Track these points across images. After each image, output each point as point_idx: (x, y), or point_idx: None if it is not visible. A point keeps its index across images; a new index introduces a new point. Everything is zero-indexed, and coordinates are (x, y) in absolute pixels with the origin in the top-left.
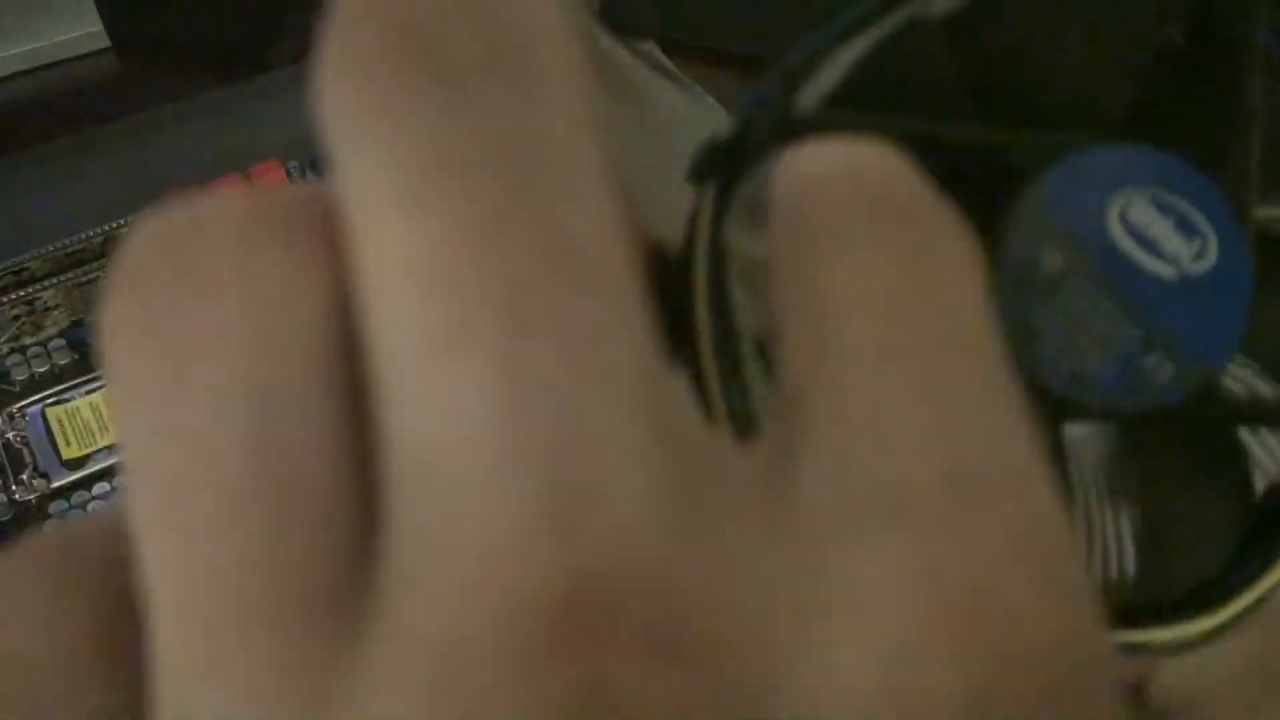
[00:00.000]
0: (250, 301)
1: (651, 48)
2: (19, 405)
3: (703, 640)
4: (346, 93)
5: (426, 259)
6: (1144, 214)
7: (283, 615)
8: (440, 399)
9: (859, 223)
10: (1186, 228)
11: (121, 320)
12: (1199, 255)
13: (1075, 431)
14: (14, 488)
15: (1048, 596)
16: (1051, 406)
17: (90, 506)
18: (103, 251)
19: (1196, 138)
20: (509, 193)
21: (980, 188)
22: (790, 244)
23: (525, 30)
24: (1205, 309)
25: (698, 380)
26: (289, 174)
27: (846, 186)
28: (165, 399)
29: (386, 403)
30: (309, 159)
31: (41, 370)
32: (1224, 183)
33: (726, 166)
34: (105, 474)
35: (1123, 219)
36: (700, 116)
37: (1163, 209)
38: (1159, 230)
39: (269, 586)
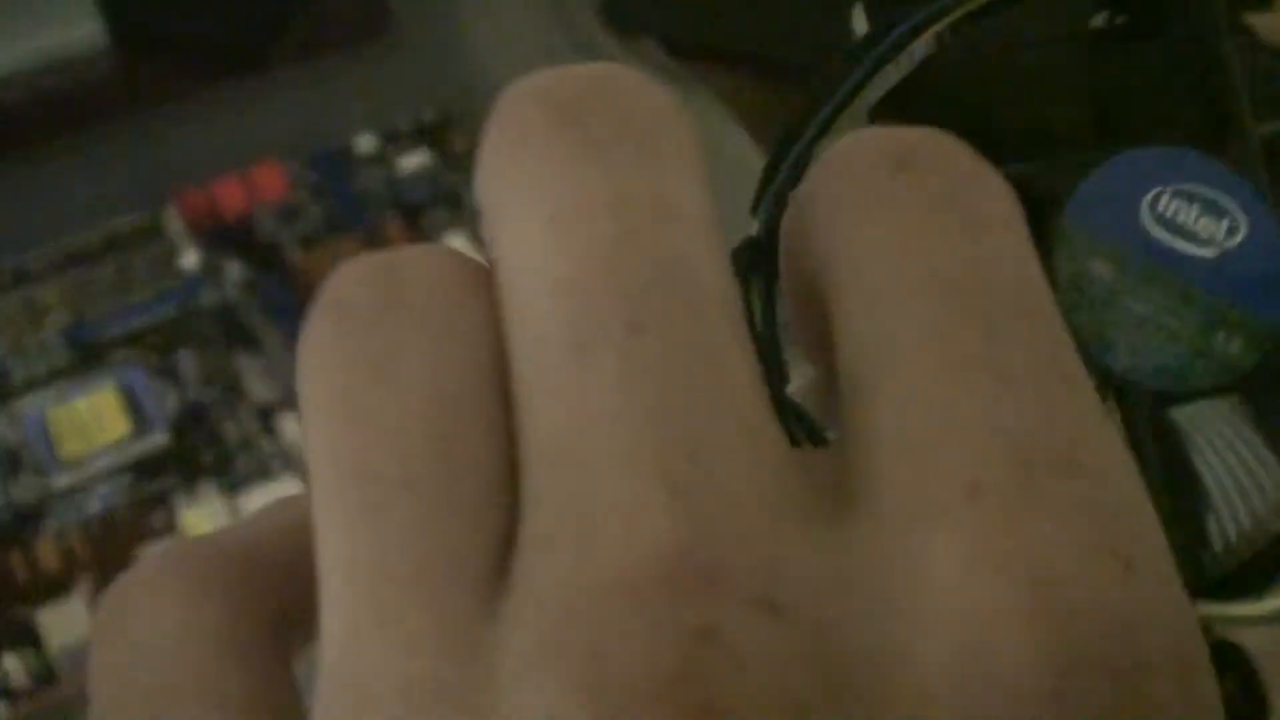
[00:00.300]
0: (437, 322)
1: (651, 47)
2: (18, 405)
3: (799, 605)
4: (511, 154)
5: (564, 277)
6: (1172, 207)
7: (445, 576)
8: (571, 387)
9: (882, 170)
10: (1213, 209)
11: (327, 333)
12: (1231, 230)
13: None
14: (13, 488)
15: (1119, 576)
16: (1150, 399)
17: (90, 506)
18: (103, 251)
19: (1191, 121)
20: (633, 229)
21: None
22: (814, 209)
23: (650, 114)
24: (1252, 275)
25: None
26: (288, 173)
27: (862, 143)
28: (361, 393)
29: (526, 396)
30: (309, 159)
31: (41, 370)
32: (1231, 157)
33: (766, 262)
34: (105, 474)
35: (1155, 216)
36: (701, 117)
37: (1187, 198)
38: (1189, 218)
39: (434, 551)
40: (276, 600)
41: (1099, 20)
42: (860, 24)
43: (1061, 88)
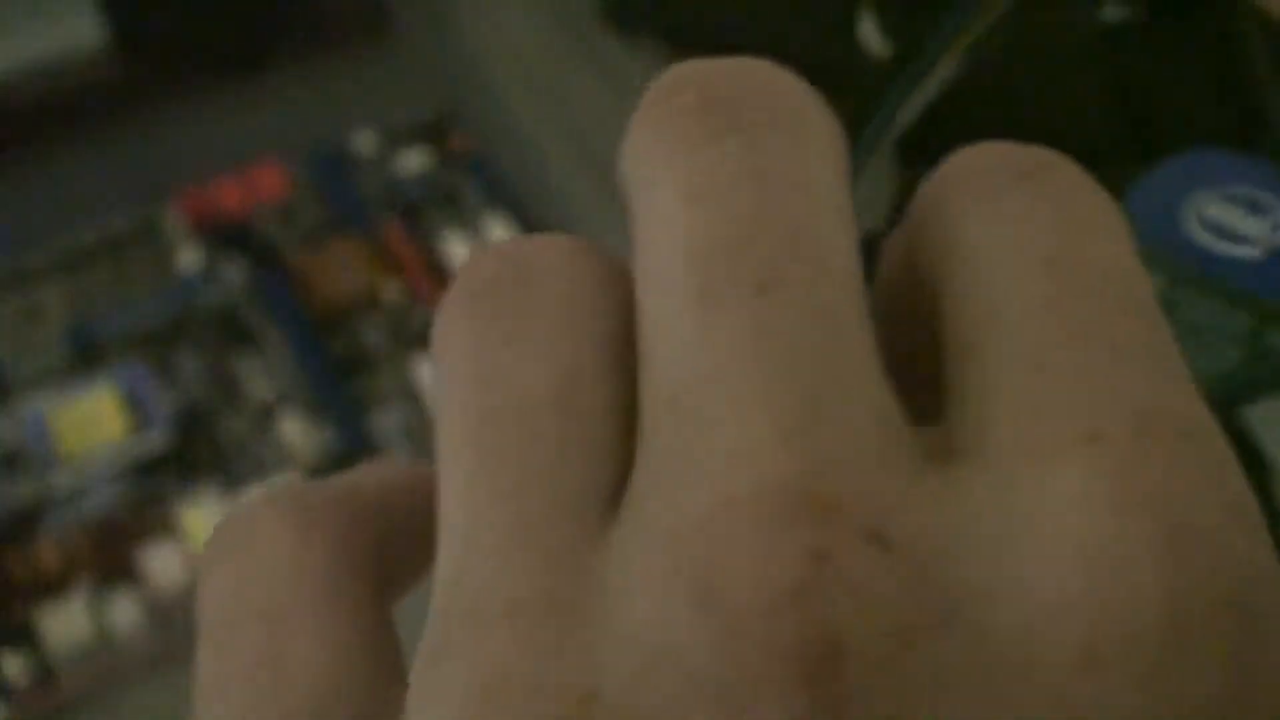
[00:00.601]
0: (561, 296)
1: (652, 48)
2: (18, 404)
3: (908, 540)
4: (659, 131)
5: (699, 238)
6: (1216, 210)
7: (558, 510)
8: (696, 338)
9: (1002, 175)
10: (1256, 208)
11: (463, 305)
12: (1276, 227)
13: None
14: (13, 488)
15: (1237, 529)
16: (1215, 406)
17: (90, 506)
18: (103, 251)
19: (1219, 107)
20: (769, 203)
21: None
22: (933, 207)
23: (796, 107)
24: None
25: None
26: (288, 173)
27: (984, 152)
28: (492, 354)
29: (650, 348)
30: (308, 159)
31: (41, 369)
32: (1271, 153)
33: None
34: (104, 475)
35: (1200, 222)
36: None
37: (1230, 200)
38: (1233, 219)
39: (549, 489)
40: (377, 548)
41: (1113, 14)
42: (870, 36)
43: (1089, 93)
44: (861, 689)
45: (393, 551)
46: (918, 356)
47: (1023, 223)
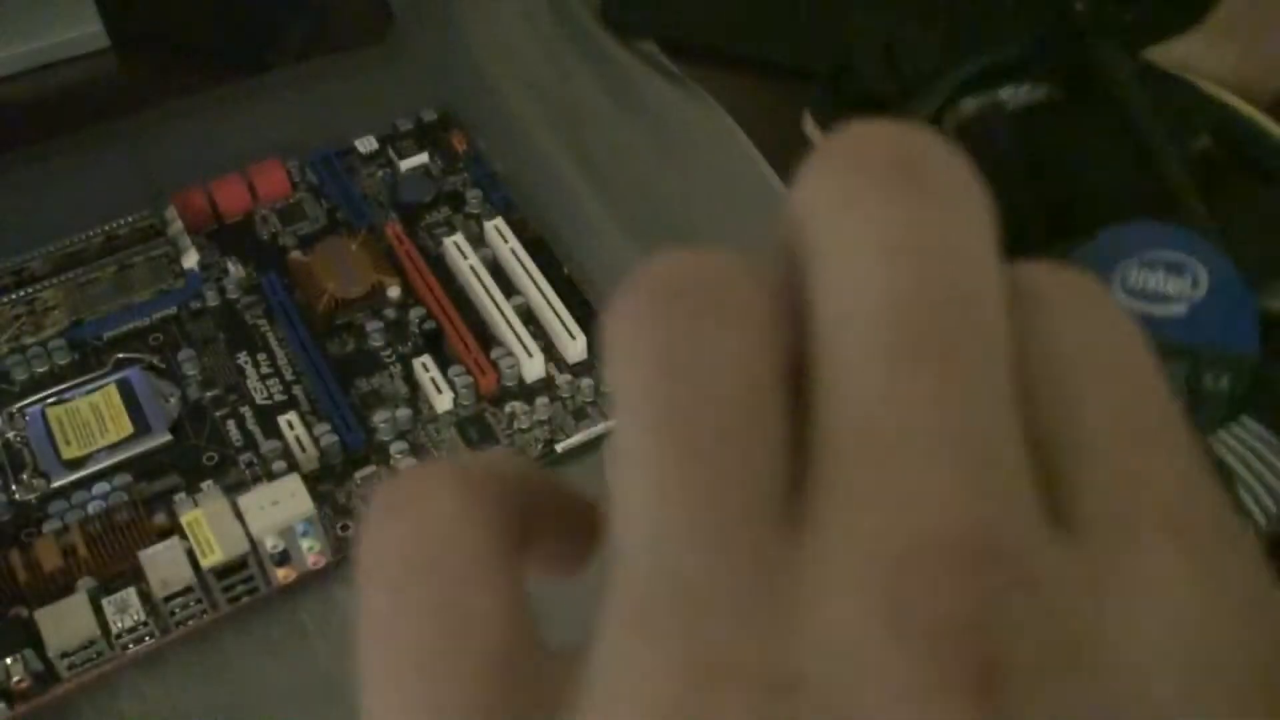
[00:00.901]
0: (751, 307)
1: (651, 48)
2: (19, 405)
3: (1048, 591)
4: (847, 180)
5: (891, 300)
6: (1139, 277)
7: (749, 506)
8: (889, 388)
9: (1059, 288)
10: (1175, 269)
11: (652, 303)
12: (1195, 283)
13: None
14: (14, 487)
15: (1273, 599)
16: None
17: (90, 506)
18: (103, 251)
19: (1134, 190)
20: (955, 272)
21: None
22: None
23: (965, 178)
24: (1221, 317)
25: None
26: (289, 173)
27: (1060, 273)
28: (682, 352)
29: (837, 381)
30: (309, 159)
31: (41, 370)
32: (1181, 217)
33: None
34: (105, 474)
35: (1127, 291)
36: (700, 118)
37: (1150, 266)
38: (1155, 283)
39: (740, 484)
40: (523, 524)
41: (1019, 95)
42: (810, 130)
43: (1009, 176)
44: (1013, 705)
45: (532, 527)
46: None
47: (1096, 334)
